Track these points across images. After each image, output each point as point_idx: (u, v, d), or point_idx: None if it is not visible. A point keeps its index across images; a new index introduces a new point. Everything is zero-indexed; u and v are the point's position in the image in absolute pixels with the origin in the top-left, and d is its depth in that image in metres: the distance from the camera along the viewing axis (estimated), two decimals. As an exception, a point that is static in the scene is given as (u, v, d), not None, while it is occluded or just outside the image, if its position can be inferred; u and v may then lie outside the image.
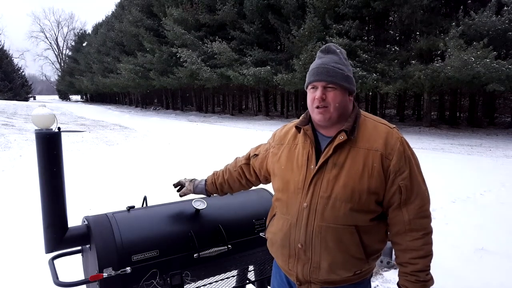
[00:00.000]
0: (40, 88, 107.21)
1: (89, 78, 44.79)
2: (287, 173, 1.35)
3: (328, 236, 1.24)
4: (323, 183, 1.25)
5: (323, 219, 1.24)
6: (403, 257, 1.27)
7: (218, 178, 1.72)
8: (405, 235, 1.25)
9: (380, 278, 3.09)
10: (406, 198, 1.24)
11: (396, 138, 1.26)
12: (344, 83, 1.27)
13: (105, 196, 5.31)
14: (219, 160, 8.52)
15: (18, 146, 10.30)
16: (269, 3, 19.47)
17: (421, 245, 1.24)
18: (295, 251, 1.30)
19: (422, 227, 1.25)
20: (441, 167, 7.78)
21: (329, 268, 1.26)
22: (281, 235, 1.35)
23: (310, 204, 1.26)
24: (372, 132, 1.27)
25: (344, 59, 1.31)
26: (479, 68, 11.67)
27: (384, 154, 1.23)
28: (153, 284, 1.57)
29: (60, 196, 1.52)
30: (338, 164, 1.25)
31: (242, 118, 23.44)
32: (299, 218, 1.28)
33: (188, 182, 1.77)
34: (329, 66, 1.27)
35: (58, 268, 1.58)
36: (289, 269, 1.35)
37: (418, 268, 1.23)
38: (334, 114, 1.26)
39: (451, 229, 4.08)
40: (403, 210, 1.25)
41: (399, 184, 1.23)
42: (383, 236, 1.33)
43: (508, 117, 19.42)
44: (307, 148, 1.32)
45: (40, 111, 1.48)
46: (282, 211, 1.37)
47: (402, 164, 1.23)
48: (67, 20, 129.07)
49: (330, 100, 1.26)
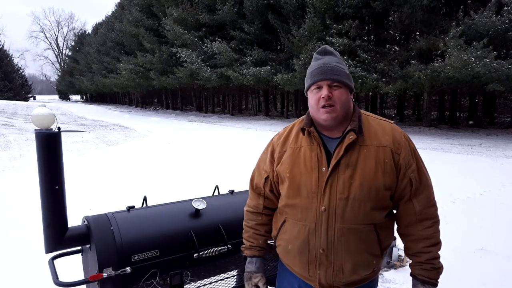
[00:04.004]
0: (40, 88, 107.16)
1: (89, 78, 44.78)
2: (296, 178, 1.30)
3: (350, 237, 1.24)
4: (338, 184, 1.23)
5: (344, 221, 1.23)
6: (415, 247, 1.30)
7: (259, 241, 1.47)
8: (416, 225, 1.29)
9: (380, 278, 3.09)
10: (415, 189, 1.27)
11: (400, 132, 1.30)
12: (347, 81, 1.29)
13: (105, 196, 5.31)
14: (219, 160, 8.54)
15: (18, 146, 10.31)
16: (269, 3, 19.46)
17: (432, 233, 1.28)
18: (315, 257, 1.27)
19: (432, 215, 1.30)
20: (441, 167, 7.77)
21: (352, 270, 1.26)
22: (298, 242, 1.30)
23: (328, 207, 1.23)
24: (378, 129, 1.29)
25: (341, 60, 1.35)
26: (479, 68, 11.67)
27: (393, 149, 1.26)
28: (153, 284, 1.56)
29: (60, 196, 1.52)
30: (351, 164, 1.24)
31: (242, 118, 23.43)
32: (318, 222, 1.25)
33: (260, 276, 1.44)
34: (332, 65, 1.28)
35: (58, 268, 1.58)
36: (309, 276, 1.31)
37: (432, 256, 1.28)
38: (340, 113, 1.26)
39: (451, 229, 4.07)
40: (414, 201, 1.28)
41: (409, 176, 1.26)
42: (393, 231, 1.37)
43: (508, 117, 19.40)
44: (315, 150, 1.28)
45: (40, 111, 1.48)
46: (295, 218, 1.31)
47: (410, 157, 1.27)
48: (67, 20, 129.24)
49: (336, 98, 1.25)
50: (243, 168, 1.63)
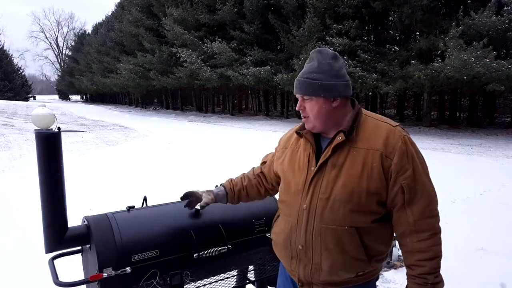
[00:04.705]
0: (40, 88, 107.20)
1: (89, 78, 44.77)
2: (289, 175, 1.37)
3: (328, 237, 1.23)
4: (322, 184, 1.25)
5: (323, 221, 1.24)
6: (410, 259, 1.23)
7: (237, 185, 1.64)
8: (411, 236, 1.21)
9: (380, 278, 3.09)
10: (410, 198, 1.20)
11: (398, 136, 1.23)
12: (319, 92, 1.24)
13: (105, 196, 5.31)
14: (218, 159, 8.54)
15: (18, 146, 10.31)
16: (269, 3, 19.46)
17: (428, 246, 1.19)
18: (296, 252, 1.31)
19: (429, 227, 1.20)
20: (441, 167, 7.77)
21: (329, 270, 1.26)
22: (283, 236, 1.36)
23: (309, 205, 1.26)
24: (372, 132, 1.25)
25: (325, 64, 1.25)
26: (479, 68, 11.67)
27: (384, 154, 1.20)
28: (153, 284, 1.56)
29: (60, 196, 1.52)
30: (337, 164, 1.24)
31: (242, 118, 23.43)
32: (299, 219, 1.29)
33: (205, 193, 1.64)
34: (303, 78, 1.27)
35: (58, 268, 1.58)
36: (291, 270, 1.37)
37: (425, 271, 1.19)
38: (316, 123, 1.28)
39: (451, 229, 4.07)
40: (408, 211, 1.21)
41: (401, 184, 1.19)
42: (387, 238, 1.30)
43: (508, 117, 19.40)
44: (307, 150, 1.33)
45: (40, 111, 1.48)
46: (284, 213, 1.39)
47: (405, 163, 1.20)
48: (67, 20, 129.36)
49: (308, 110, 1.29)
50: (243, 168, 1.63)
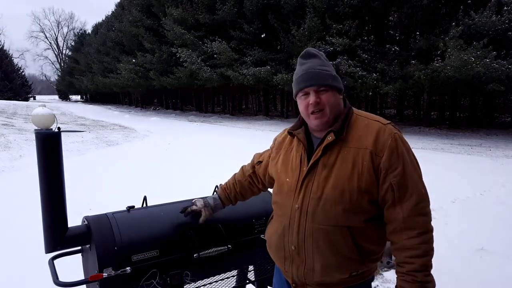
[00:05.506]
0: (40, 88, 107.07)
1: (89, 78, 44.72)
2: (282, 176, 1.37)
3: (320, 237, 1.23)
4: (314, 184, 1.25)
5: (314, 221, 1.24)
6: (399, 256, 1.22)
7: (231, 192, 1.71)
8: (400, 233, 1.20)
9: (380, 278, 3.09)
10: (400, 195, 1.19)
11: (389, 134, 1.22)
12: (334, 83, 1.28)
13: (105, 196, 5.31)
14: (218, 159, 8.53)
15: (18, 146, 10.30)
16: (269, 3, 19.44)
17: (418, 244, 1.17)
18: (289, 253, 1.31)
19: (419, 225, 1.18)
20: (441, 167, 7.77)
21: (322, 270, 1.25)
22: (276, 237, 1.36)
23: (301, 205, 1.26)
24: (363, 130, 1.26)
25: (325, 60, 1.31)
26: (479, 68, 11.67)
27: (374, 152, 1.20)
28: (153, 284, 1.56)
29: (60, 196, 1.52)
30: (328, 164, 1.24)
31: (242, 118, 23.43)
32: (292, 220, 1.28)
33: (202, 206, 1.68)
34: (316, 69, 1.27)
35: (58, 268, 1.58)
36: (285, 271, 1.37)
37: (414, 268, 1.16)
38: (330, 117, 1.27)
39: (451, 229, 4.08)
40: (397, 208, 1.20)
41: (391, 181, 1.19)
42: (380, 238, 1.29)
43: (508, 117, 19.41)
44: (300, 151, 1.34)
45: (40, 111, 1.48)
46: (277, 213, 1.39)
47: (394, 161, 1.19)
48: (67, 20, 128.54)
49: (324, 102, 1.26)
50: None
